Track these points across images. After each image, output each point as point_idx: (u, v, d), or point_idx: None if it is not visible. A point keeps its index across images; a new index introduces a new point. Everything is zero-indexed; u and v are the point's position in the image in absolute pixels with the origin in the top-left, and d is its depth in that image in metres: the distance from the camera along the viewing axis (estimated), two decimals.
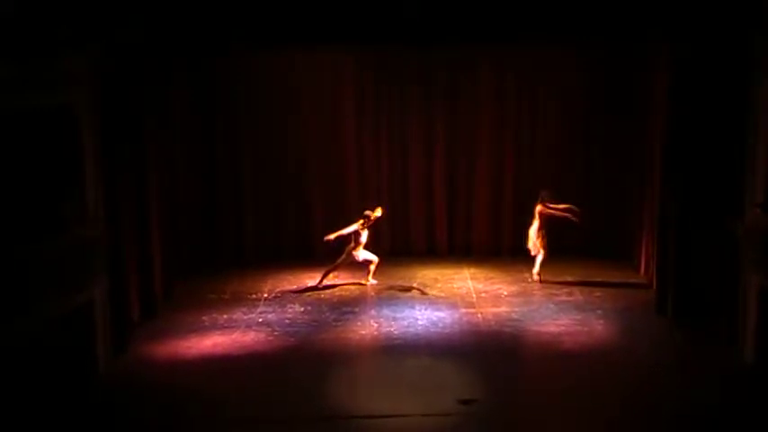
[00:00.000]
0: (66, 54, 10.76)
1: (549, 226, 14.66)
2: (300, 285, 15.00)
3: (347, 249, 14.71)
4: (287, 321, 13.21)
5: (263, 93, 16.20)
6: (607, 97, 16.05)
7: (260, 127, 16.33)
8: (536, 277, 14.84)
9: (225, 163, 16.40)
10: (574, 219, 14.52)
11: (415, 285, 14.86)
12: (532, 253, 14.82)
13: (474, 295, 14.35)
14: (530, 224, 14.76)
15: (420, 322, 13.08)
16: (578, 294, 14.23)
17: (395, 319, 13.23)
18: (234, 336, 12.63)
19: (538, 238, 14.67)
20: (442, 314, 13.41)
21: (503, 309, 13.69)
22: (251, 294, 14.56)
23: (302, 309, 13.79)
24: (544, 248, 14.71)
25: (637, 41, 13.76)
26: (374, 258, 14.95)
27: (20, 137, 10.33)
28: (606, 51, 15.35)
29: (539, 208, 14.63)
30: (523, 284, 14.81)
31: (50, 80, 10.57)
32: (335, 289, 14.78)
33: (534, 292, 14.45)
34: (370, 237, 15.09)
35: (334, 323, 13.15)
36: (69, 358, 10.93)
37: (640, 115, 14.96)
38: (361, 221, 14.63)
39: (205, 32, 12.99)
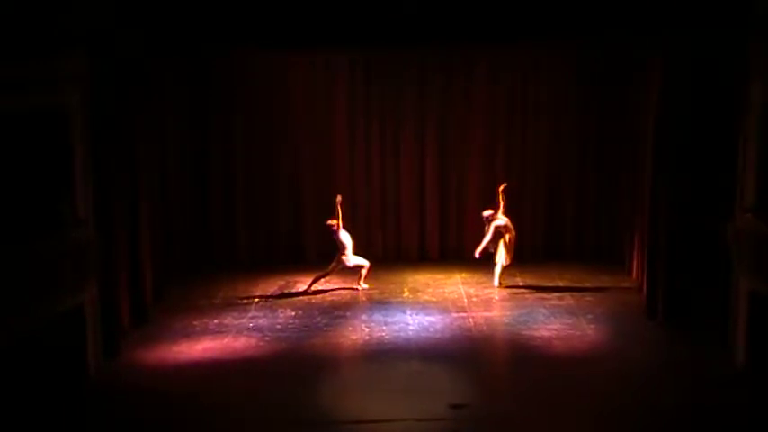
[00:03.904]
0: (61, 54, 10.73)
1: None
2: (291, 289, 14.96)
3: (336, 256, 14.68)
4: (278, 326, 13.17)
5: (256, 93, 16.18)
6: (602, 98, 16.08)
7: (252, 128, 16.30)
8: (502, 284, 14.85)
9: (217, 165, 16.38)
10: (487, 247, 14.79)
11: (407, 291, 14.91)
12: (506, 263, 14.81)
13: (465, 300, 14.33)
14: (495, 239, 14.74)
15: (411, 327, 13.06)
16: (570, 298, 14.23)
17: (386, 323, 13.20)
18: (225, 341, 12.59)
19: (509, 250, 14.74)
20: (433, 319, 13.38)
21: (494, 313, 13.69)
22: (242, 299, 14.53)
23: (293, 313, 13.75)
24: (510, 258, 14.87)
25: (632, 42, 13.78)
26: (365, 263, 14.92)
27: (10, 137, 10.28)
28: (601, 52, 15.39)
29: (504, 222, 14.68)
30: (515, 289, 14.80)
31: (44, 80, 10.54)
32: (327, 293, 14.75)
33: (526, 296, 14.44)
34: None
35: (325, 328, 13.11)
36: (59, 362, 10.88)
37: (634, 116, 14.98)
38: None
39: (202, 34, 12.99)
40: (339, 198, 14.58)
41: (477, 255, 14.79)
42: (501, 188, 14.85)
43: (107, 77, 11.80)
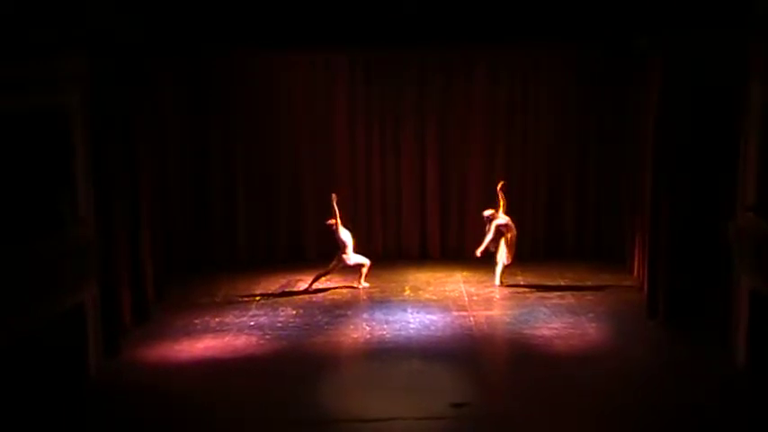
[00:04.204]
0: (61, 54, 10.73)
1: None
2: (292, 288, 14.98)
3: (337, 255, 14.69)
4: (279, 324, 13.18)
5: (256, 93, 16.20)
6: (602, 98, 16.09)
7: (252, 128, 16.32)
8: (503, 283, 14.85)
9: (217, 164, 16.39)
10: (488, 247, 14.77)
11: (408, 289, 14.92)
12: (507, 262, 14.81)
13: (466, 298, 14.34)
14: (496, 239, 14.73)
15: (412, 325, 13.06)
16: (571, 297, 14.23)
17: (387, 322, 13.21)
18: (225, 339, 12.60)
19: (510, 250, 14.74)
20: (434, 317, 13.39)
21: (495, 312, 13.69)
22: (243, 297, 14.55)
23: (294, 312, 13.77)
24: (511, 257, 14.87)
25: (631, 42, 13.81)
26: (366, 261, 14.94)
27: (10, 137, 10.28)
28: (601, 52, 15.41)
29: (505, 221, 14.69)
30: (516, 288, 14.80)
31: (44, 80, 10.53)
32: (327, 292, 14.76)
33: (527, 295, 14.44)
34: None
35: (326, 326, 13.12)
36: (60, 361, 10.89)
37: (635, 116, 15.00)
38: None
39: (202, 34, 13.01)
40: (334, 196, 14.58)
41: (478, 254, 14.80)
42: (499, 186, 14.86)
43: (107, 77, 11.81)
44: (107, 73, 11.80)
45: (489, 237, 14.70)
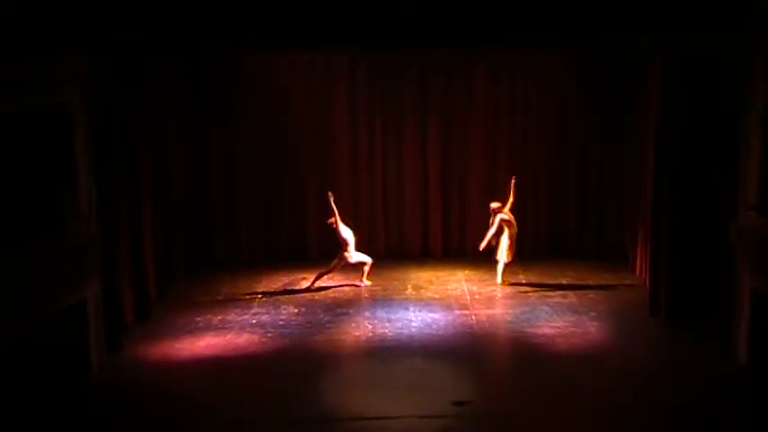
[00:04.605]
0: (61, 54, 10.74)
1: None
2: (294, 286, 14.99)
3: (339, 253, 14.71)
4: (281, 323, 13.21)
5: (257, 92, 16.22)
6: (602, 98, 16.10)
7: (254, 127, 16.34)
8: (505, 282, 14.86)
9: (218, 163, 16.41)
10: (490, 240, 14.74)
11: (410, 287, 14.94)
12: (507, 260, 14.81)
13: (468, 297, 14.35)
14: (498, 234, 14.73)
15: (414, 324, 13.08)
16: (572, 296, 14.24)
17: (389, 320, 13.22)
18: (227, 337, 12.62)
19: (510, 247, 14.75)
20: (436, 316, 13.40)
21: (497, 310, 13.71)
22: (245, 295, 14.56)
23: (296, 310, 13.79)
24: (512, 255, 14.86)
25: (632, 42, 13.83)
26: (368, 259, 14.96)
27: (11, 137, 10.30)
28: (601, 52, 15.42)
29: (508, 216, 14.70)
30: (517, 287, 14.82)
31: (46, 80, 10.54)
32: (329, 290, 14.78)
33: (528, 294, 14.46)
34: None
35: (328, 325, 13.14)
36: (62, 359, 10.90)
37: (635, 116, 15.01)
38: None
39: (202, 34, 13.03)
40: (330, 194, 14.60)
41: (481, 248, 14.79)
42: (513, 181, 14.85)
43: (107, 77, 11.81)
44: (107, 73, 11.80)
45: (492, 230, 14.70)
